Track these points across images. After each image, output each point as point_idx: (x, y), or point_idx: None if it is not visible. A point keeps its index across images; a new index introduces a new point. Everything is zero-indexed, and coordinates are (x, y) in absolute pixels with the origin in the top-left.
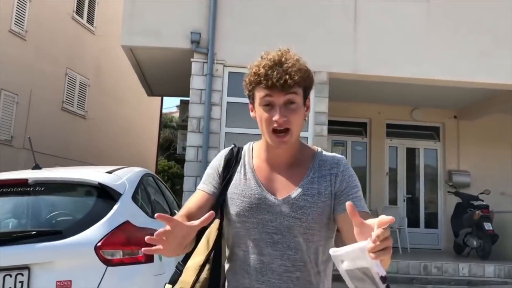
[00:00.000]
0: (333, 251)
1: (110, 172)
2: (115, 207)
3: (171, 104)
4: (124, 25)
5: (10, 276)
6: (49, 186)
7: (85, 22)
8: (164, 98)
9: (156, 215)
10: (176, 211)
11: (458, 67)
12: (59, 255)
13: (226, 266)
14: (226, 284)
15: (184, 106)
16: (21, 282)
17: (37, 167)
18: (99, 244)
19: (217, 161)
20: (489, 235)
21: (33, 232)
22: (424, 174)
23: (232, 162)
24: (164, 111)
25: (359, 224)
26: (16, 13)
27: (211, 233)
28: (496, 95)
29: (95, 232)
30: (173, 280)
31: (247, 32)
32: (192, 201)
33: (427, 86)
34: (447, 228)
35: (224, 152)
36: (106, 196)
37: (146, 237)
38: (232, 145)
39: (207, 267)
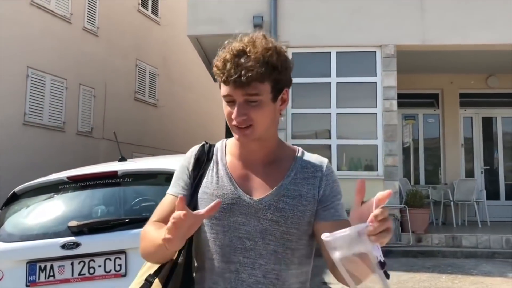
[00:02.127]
0: (325, 236)
1: None
2: None
3: None
4: (189, 15)
5: (110, 259)
6: (136, 177)
7: (150, 14)
8: None
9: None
10: None
11: None
12: None
13: (196, 276)
14: None
15: None
16: (120, 265)
17: (122, 159)
18: None
19: (187, 160)
20: None
21: (127, 220)
22: (503, 144)
23: (203, 160)
24: None
25: (357, 203)
26: (88, 11)
27: None
28: None
29: None
30: None
31: (309, 11)
32: (161, 208)
33: (504, 51)
34: None
35: (194, 149)
36: None
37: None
38: (203, 142)
39: (173, 279)
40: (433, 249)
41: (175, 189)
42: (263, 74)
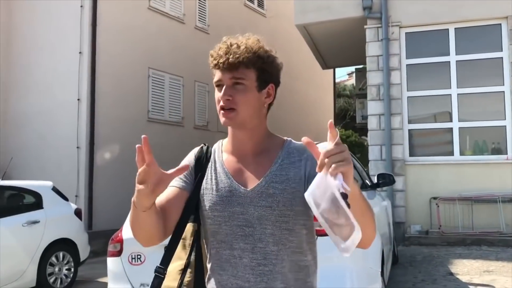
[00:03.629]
0: (306, 194)
1: None
2: None
3: (342, 73)
4: (295, 4)
5: None
6: None
7: (256, 7)
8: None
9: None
10: (367, 181)
11: None
12: None
13: (208, 266)
14: (207, 283)
15: (359, 75)
16: None
17: None
18: None
19: (188, 160)
20: None
21: None
22: None
23: (202, 160)
24: (336, 80)
25: (317, 155)
26: (199, 10)
27: (186, 236)
28: None
29: None
30: (155, 286)
31: None
32: (162, 196)
33: None
34: None
35: (194, 151)
36: None
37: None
38: (202, 144)
39: (189, 270)
40: None
41: (176, 181)
42: (249, 59)
